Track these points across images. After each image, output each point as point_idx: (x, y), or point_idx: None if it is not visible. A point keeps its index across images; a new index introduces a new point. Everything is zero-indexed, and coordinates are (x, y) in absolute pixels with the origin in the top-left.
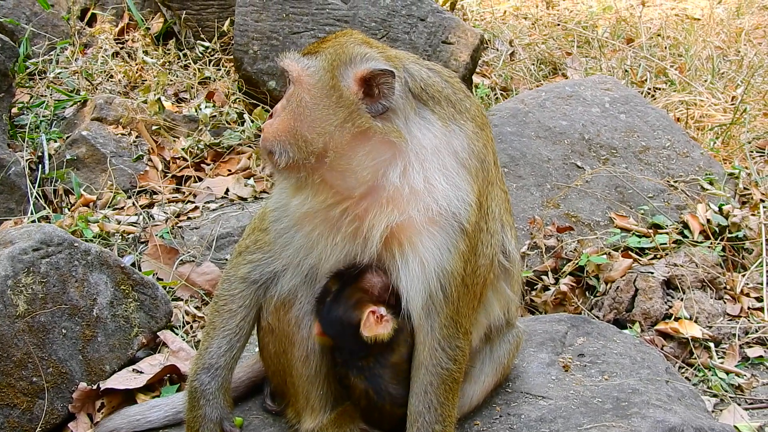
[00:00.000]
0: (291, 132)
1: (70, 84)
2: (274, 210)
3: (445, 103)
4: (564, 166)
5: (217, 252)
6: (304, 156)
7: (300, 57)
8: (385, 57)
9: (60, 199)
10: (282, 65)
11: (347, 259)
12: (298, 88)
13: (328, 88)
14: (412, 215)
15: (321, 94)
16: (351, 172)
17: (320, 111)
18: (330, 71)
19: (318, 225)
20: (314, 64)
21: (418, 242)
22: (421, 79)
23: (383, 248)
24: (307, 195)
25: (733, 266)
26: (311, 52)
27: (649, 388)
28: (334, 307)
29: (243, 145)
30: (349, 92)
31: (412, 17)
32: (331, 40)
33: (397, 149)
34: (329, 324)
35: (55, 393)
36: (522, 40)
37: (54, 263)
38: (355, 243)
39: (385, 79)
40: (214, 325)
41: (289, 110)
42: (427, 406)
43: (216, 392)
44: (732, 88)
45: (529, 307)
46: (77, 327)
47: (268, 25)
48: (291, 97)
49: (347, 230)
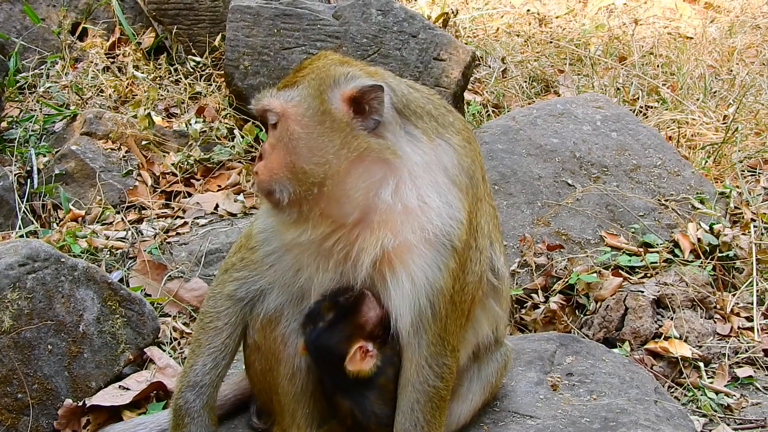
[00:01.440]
0: (288, 167)
1: (60, 98)
2: (262, 231)
3: (427, 118)
4: (555, 184)
5: (205, 268)
6: (306, 188)
7: (278, 92)
8: (367, 73)
9: (48, 213)
10: (261, 105)
11: (337, 281)
12: (286, 122)
13: (320, 114)
14: (408, 237)
15: (313, 122)
16: (346, 198)
17: (315, 139)
18: (318, 97)
19: (308, 250)
20: (298, 93)
21: (409, 261)
22: (403, 94)
23: (373, 270)
24: (305, 228)
25: (723, 286)
26: (290, 84)
27: (637, 408)
28: (325, 336)
29: (233, 161)
30: (340, 114)
31: (403, 33)
32: (306, 67)
33: (389, 167)
34: (315, 349)
35: (40, 410)
36: (514, 57)
37: (40, 279)
38: (345, 266)
39: (374, 95)
40: (199, 342)
41: (280, 147)
42: (413, 423)
43: (201, 410)
44: (724, 107)
45: (518, 326)
46: (63, 343)
47: (260, 41)
48: (279, 134)
49: (338, 256)
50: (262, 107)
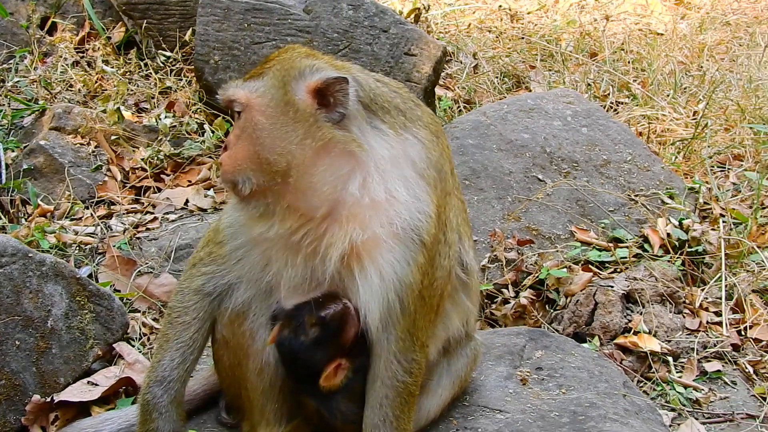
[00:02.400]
0: (251, 158)
1: (29, 93)
2: (230, 226)
3: (395, 112)
4: (525, 179)
5: (175, 263)
6: (269, 179)
7: (244, 82)
8: (333, 66)
9: (17, 209)
10: (227, 96)
11: (305, 276)
12: (250, 112)
13: (283, 104)
14: (376, 231)
15: (276, 113)
16: (313, 190)
17: (278, 130)
18: (282, 88)
19: (277, 245)
20: (262, 84)
21: (378, 256)
22: (370, 89)
23: (341, 265)
24: (272, 223)
25: (692, 281)
26: (255, 75)
27: (606, 402)
28: (307, 352)
29: (203, 156)
30: (305, 105)
31: (374, 28)
32: (273, 59)
33: (356, 161)
34: (292, 360)
35: (7, 405)
36: (486, 53)
37: (7, 274)
38: (314, 261)
39: (339, 86)
40: (167, 337)
41: (244, 137)
42: (382, 419)
43: (168, 405)
44: (694, 103)
45: (488, 320)
46: (31, 339)
47: (230, 35)
48: (243, 124)
49: (306, 251)
50: (227, 97)
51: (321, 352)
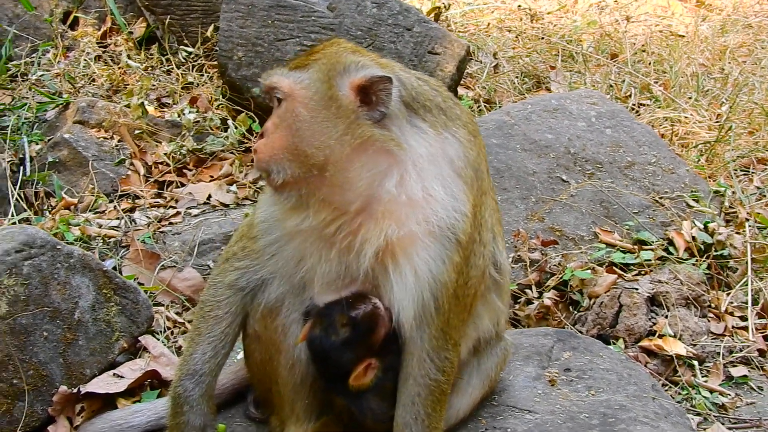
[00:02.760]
0: (289, 148)
1: (53, 87)
2: (264, 221)
3: (436, 111)
4: (549, 180)
5: (198, 258)
6: (305, 170)
7: (289, 71)
8: (378, 64)
9: (41, 201)
10: (270, 82)
11: (339, 272)
12: (292, 103)
13: (327, 99)
14: (412, 229)
15: (318, 107)
16: (349, 186)
17: (319, 124)
18: (327, 82)
19: (311, 239)
20: (308, 76)
21: (413, 253)
22: (412, 87)
23: (376, 261)
24: (306, 215)
25: (717, 284)
26: (301, 66)
27: (635, 405)
28: (337, 352)
29: (226, 152)
30: (347, 101)
31: (398, 27)
32: (318, 51)
33: (393, 158)
34: (322, 359)
35: (35, 396)
36: (506, 52)
37: (36, 265)
38: (348, 257)
39: (383, 86)
40: (199, 331)
41: (283, 127)
42: (414, 417)
43: (199, 399)
44: (717, 105)
45: (512, 321)
46: (58, 330)
47: (254, 32)
48: (283, 113)
49: (341, 245)
50: (270, 84)
51: (351, 352)
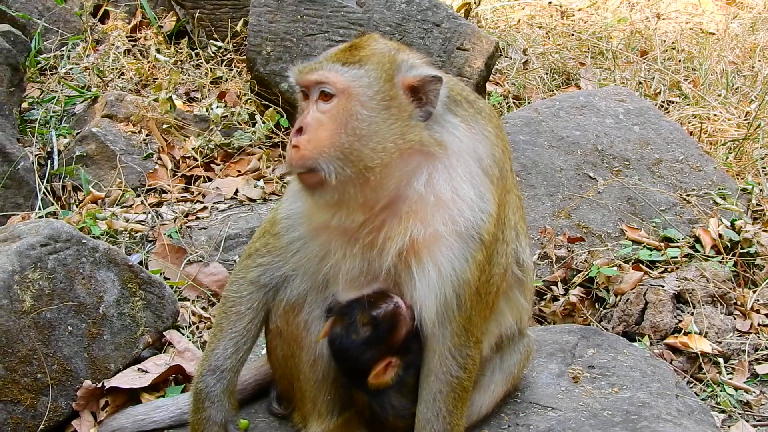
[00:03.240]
0: (341, 147)
1: (81, 80)
2: (287, 218)
3: (466, 105)
4: (576, 177)
5: (225, 253)
6: (354, 171)
7: (343, 67)
8: (424, 63)
9: (68, 195)
10: (320, 77)
11: (362, 269)
12: (348, 101)
13: (388, 98)
14: (438, 229)
15: (380, 107)
16: (382, 186)
17: (379, 124)
18: (389, 81)
19: (335, 234)
20: (366, 73)
21: (437, 252)
22: (448, 81)
23: (398, 259)
24: (338, 213)
25: (744, 282)
26: (353, 62)
27: (659, 402)
28: (358, 351)
29: (253, 146)
30: (405, 101)
31: (427, 22)
32: (364, 47)
33: (425, 157)
34: (343, 358)
35: (59, 390)
36: (536, 49)
37: (61, 259)
38: (372, 254)
39: (433, 86)
40: (221, 326)
41: (333, 124)
42: (435, 414)
43: (221, 395)
44: (746, 103)
45: (537, 317)
46: (83, 324)
47: (283, 27)
48: (335, 110)
49: (364, 242)
50: (320, 79)
51: (371, 351)
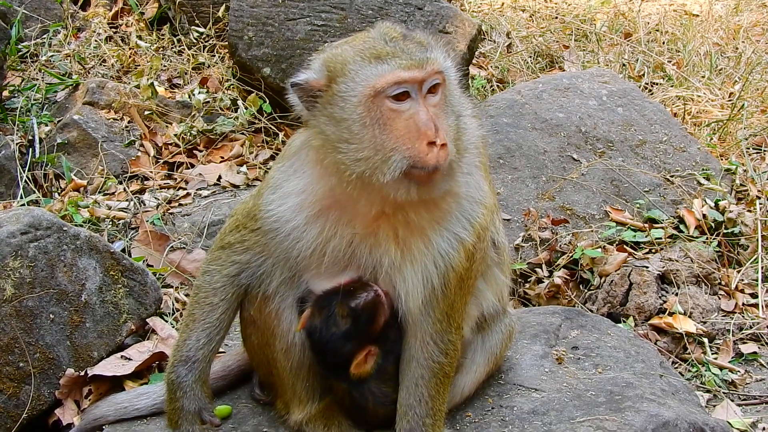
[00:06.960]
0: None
1: (63, 68)
2: (277, 218)
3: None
4: (560, 159)
5: (208, 239)
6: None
7: (438, 49)
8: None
9: (50, 183)
10: (437, 66)
11: (346, 253)
12: (446, 88)
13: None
14: (433, 217)
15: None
16: None
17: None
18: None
19: (333, 219)
20: (446, 60)
21: (430, 241)
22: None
23: (393, 245)
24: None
25: (728, 262)
26: (427, 46)
27: (643, 382)
28: (338, 344)
29: (236, 132)
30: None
31: (409, 5)
32: (406, 33)
33: None
34: (322, 351)
35: (42, 379)
36: (519, 32)
37: (42, 247)
38: (369, 240)
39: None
40: (193, 317)
41: (444, 115)
42: (417, 399)
43: (193, 385)
44: (730, 84)
45: (522, 300)
46: (65, 312)
47: (264, 11)
48: (441, 102)
49: (368, 228)
50: (437, 68)
51: (352, 343)
